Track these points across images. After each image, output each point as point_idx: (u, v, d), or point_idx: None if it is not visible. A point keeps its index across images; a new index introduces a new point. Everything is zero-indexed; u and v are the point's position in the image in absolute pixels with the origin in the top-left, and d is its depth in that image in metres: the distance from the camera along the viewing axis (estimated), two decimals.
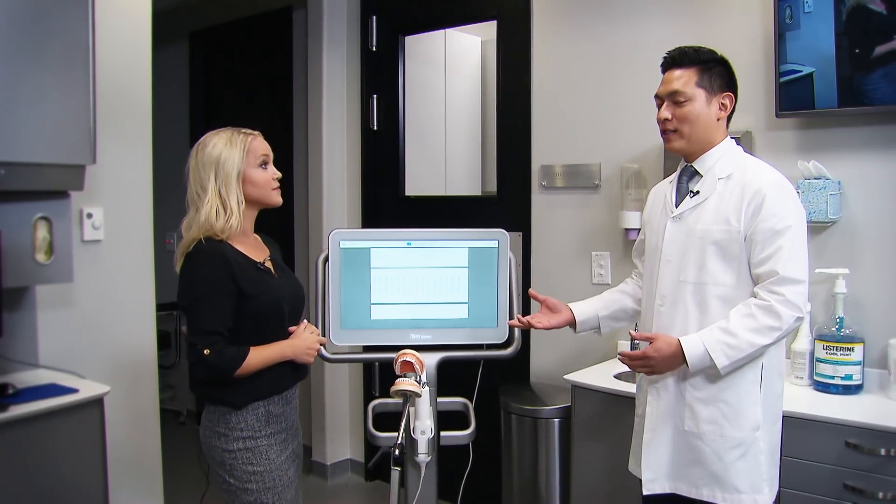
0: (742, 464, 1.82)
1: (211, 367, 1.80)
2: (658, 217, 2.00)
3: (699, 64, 1.86)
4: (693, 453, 1.86)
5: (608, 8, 2.87)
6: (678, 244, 1.90)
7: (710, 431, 1.83)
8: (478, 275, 2.21)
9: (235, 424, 1.88)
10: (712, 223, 1.84)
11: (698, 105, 1.86)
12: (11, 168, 2.07)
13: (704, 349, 1.77)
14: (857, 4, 2.19)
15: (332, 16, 3.68)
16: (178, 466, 3.25)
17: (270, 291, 1.91)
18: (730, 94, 1.89)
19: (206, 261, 1.85)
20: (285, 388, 1.97)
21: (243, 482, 1.88)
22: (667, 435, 1.90)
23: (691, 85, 1.85)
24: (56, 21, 2.14)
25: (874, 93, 2.19)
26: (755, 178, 1.82)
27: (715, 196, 1.86)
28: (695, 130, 1.87)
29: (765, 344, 1.76)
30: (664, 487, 1.90)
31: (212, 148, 1.90)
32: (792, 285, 1.74)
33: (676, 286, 1.89)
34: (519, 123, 3.14)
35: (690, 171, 1.93)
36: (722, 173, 1.87)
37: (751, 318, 1.76)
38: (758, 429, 1.83)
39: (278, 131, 3.94)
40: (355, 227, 3.71)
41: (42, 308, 2.44)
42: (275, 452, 1.92)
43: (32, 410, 2.04)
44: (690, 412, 1.86)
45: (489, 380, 2.67)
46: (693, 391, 1.85)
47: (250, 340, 1.87)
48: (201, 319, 1.82)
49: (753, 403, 1.83)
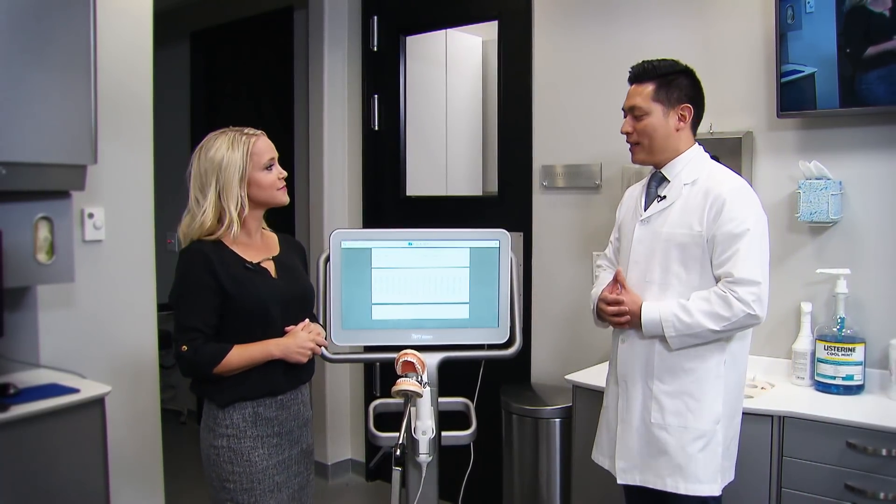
0: (703, 455, 1.90)
1: (189, 363, 1.84)
2: (629, 219, 2.10)
3: (657, 79, 1.97)
4: (659, 445, 1.94)
5: (609, 8, 2.87)
6: (645, 246, 2.00)
7: (674, 424, 1.92)
8: (479, 275, 2.21)
9: (221, 421, 1.90)
10: (677, 226, 1.94)
11: (655, 119, 1.97)
12: (13, 168, 2.07)
13: (659, 318, 1.91)
14: (859, 5, 2.19)
15: (333, 16, 3.68)
16: (179, 466, 3.25)
17: (256, 292, 1.90)
18: (688, 105, 1.97)
19: (188, 260, 1.88)
20: (278, 392, 1.95)
21: (223, 480, 1.89)
22: (636, 427, 1.98)
23: (647, 100, 1.97)
24: (57, 21, 2.14)
25: (876, 93, 2.19)
26: (717, 183, 1.92)
27: (680, 200, 1.95)
28: (654, 143, 1.98)
29: (713, 329, 1.85)
30: (635, 479, 1.99)
31: (214, 152, 1.90)
32: (747, 286, 1.84)
33: (643, 286, 1.99)
34: (520, 123, 3.14)
35: (659, 177, 2.03)
36: (687, 179, 1.96)
37: (706, 302, 1.87)
38: (718, 422, 1.91)
39: (279, 131, 3.92)
40: (356, 228, 3.71)
41: (43, 308, 2.44)
42: (260, 456, 1.91)
43: (33, 410, 2.04)
44: (657, 405, 1.95)
45: (490, 380, 2.67)
46: (660, 384, 1.95)
47: (236, 340, 1.87)
48: (181, 316, 1.86)
49: (715, 397, 1.92)
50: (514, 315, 2.21)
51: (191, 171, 1.93)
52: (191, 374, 1.89)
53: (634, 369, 2.00)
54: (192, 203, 1.92)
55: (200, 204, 1.90)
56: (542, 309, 3.11)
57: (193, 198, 1.92)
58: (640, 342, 1.98)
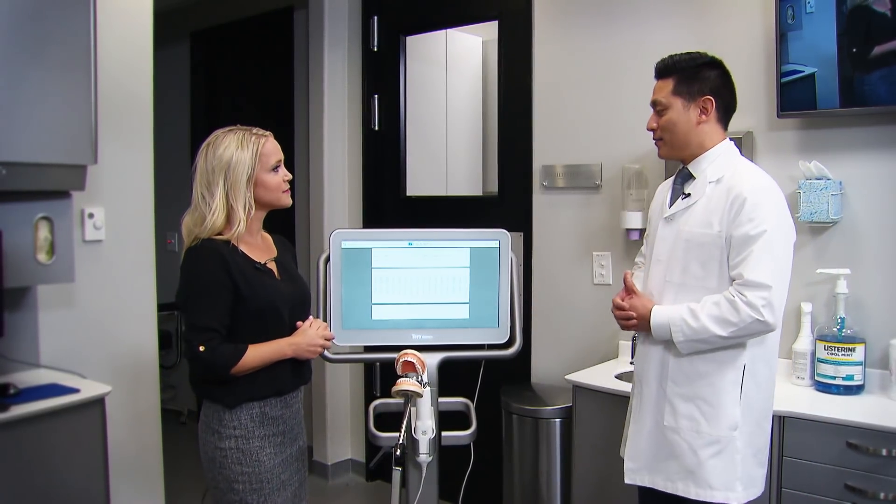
0: (716, 461, 1.85)
1: (206, 363, 1.80)
2: (656, 216, 2.04)
3: (677, 73, 1.92)
4: (670, 447, 1.90)
5: (609, 8, 2.87)
6: (667, 245, 1.95)
7: (687, 427, 1.87)
8: (479, 275, 2.21)
9: (228, 422, 1.87)
10: (698, 226, 1.88)
11: (674, 113, 1.91)
12: (13, 168, 2.07)
13: (668, 321, 1.86)
14: (860, 4, 2.19)
15: (333, 16, 3.68)
16: (179, 466, 3.25)
17: (266, 293, 1.89)
18: (709, 97, 1.90)
19: (203, 258, 1.84)
20: (284, 391, 1.95)
21: (230, 481, 1.87)
22: (648, 428, 1.95)
23: (668, 94, 1.92)
24: (57, 21, 2.14)
25: (876, 93, 2.19)
26: (740, 182, 1.85)
27: (704, 199, 1.90)
28: (675, 137, 1.93)
29: (720, 335, 1.79)
30: (644, 480, 1.95)
31: (223, 150, 1.88)
32: (755, 289, 1.77)
33: (663, 286, 1.94)
34: (520, 123, 3.14)
35: (685, 174, 1.97)
36: (713, 177, 1.90)
37: (715, 307, 1.81)
38: (735, 429, 1.85)
39: (279, 131, 3.88)
40: (356, 228, 3.71)
41: (43, 308, 2.44)
42: (267, 455, 1.90)
43: (33, 410, 2.04)
44: (671, 407, 1.90)
45: (490, 380, 2.67)
46: (674, 386, 1.90)
47: (249, 339, 1.86)
48: (197, 316, 1.82)
49: (732, 403, 1.85)
50: (514, 315, 2.22)
51: (196, 167, 1.90)
52: (207, 375, 1.84)
53: (649, 370, 1.95)
54: (197, 200, 1.89)
55: (207, 202, 1.87)
56: (542, 309, 3.11)
57: (199, 194, 1.89)
58: (655, 344, 1.94)
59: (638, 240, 2.79)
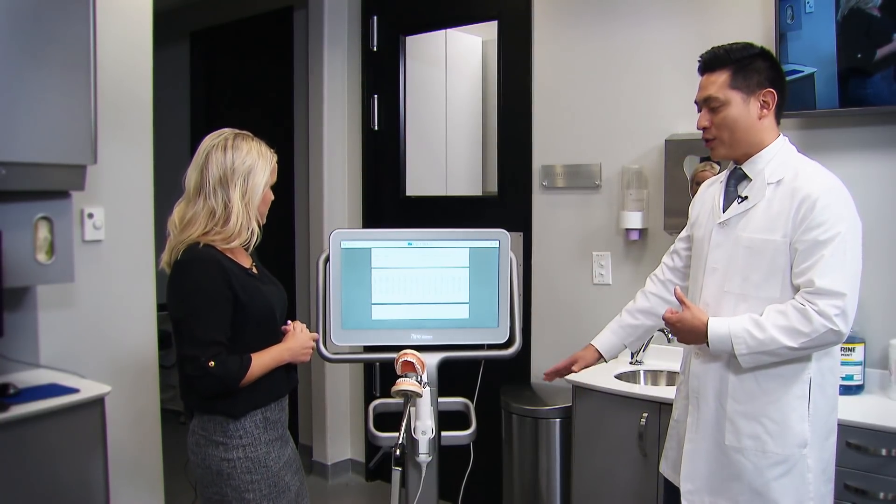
0: (786, 481, 1.71)
1: (218, 378, 1.74)
2: (706, 220, 1.88)
3: (731, 64, 1.75)
4: (733, 468, 1.75)
5: (609, 8, 2.87)
6: (724, 252, 1.79)
7: (751, 447, 1.73)
8: (479, 275, 2.21)
9: (234, 433, 1.82)
10: (759, 232, 1.73)
11: (735, 109, 1.75)
12: (12, 168, 2.07)
13: (728, 333, 1.69)
14: (856, 7, 2.19)
15: (332, 16, 3.68)
16: (179, 466, 3.24)
17: (262, 298, 1.87)
18: (770, 90, 1.75)
19: (202, 269, 1.78)
20: (281, 395, 1.94)
21: (241, 492, 1.83)
22: (707, 448, 1.80)
23: (725, 88, 1.75)
24: (57, 21, 2.14)
25: (875, 93, 2.19)
26: (806, 183, 1.70)
27: (764, 202, 1.74)
28: (735, 136, 1.77)
29: (790, 346, 1.64)
30: (704, 502, 1.80)
31: (246, 154, 1.85)
32: (828, 297, 1.62)
33: (720, 296, 1.78)
34: (520, 123, 3.14)
35: (739, 175, 1.82)
36: (772, 178, 1.75)
37: (782, 316, 1.66)
38: (805, 446, 1.70)
39: (279, 131, 3.94)
40: (356, 228, 3.71)
41: (43, 308, 2.44)
42: (273, 459, 1.89)
43: (33, 410, 2.04)
44: (732, 426, 1.75)
45: (490, 380, 2.67)
46: (734, 404, 1.75)
47: (249, 348, 1.82)
48: (202, 330, 1.74)
49: (800, 420, 1.71)
50: (513, 315, 2.22)
51: (209, 159, 1.84)
52: (218, 391, 1.77)
53: (707, 386, 1.79)
54: (210, 199, 1.83)
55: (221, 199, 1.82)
56: (541, 309, 3.11)
57: (212, 188, 1.82)
58: (713, 359, 1.78)
59: (637, 240, 2.79)
